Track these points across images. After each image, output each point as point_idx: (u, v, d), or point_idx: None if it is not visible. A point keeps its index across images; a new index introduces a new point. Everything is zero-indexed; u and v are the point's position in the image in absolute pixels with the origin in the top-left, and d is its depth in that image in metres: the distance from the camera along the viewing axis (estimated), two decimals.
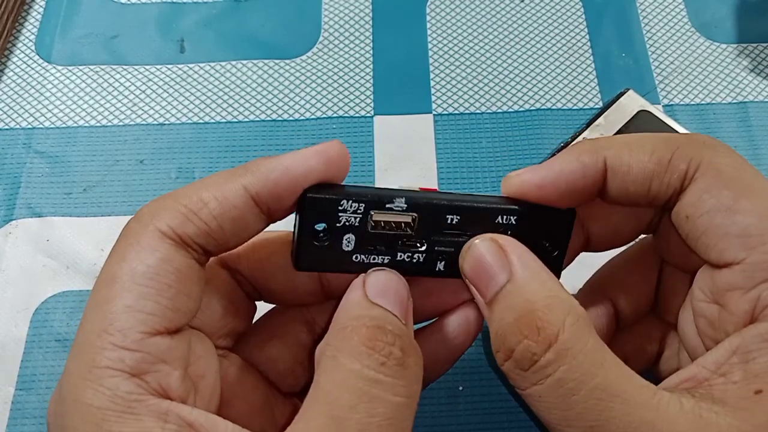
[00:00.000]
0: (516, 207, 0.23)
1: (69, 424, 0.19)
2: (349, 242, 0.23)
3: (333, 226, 0.22)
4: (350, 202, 0.22)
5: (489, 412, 0.31)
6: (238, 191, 0.21)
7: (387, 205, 0.22)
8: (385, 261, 0.23)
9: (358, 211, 0.22)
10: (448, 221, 0.23)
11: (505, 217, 0.23)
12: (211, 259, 0.22)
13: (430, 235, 0.23)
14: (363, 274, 0.23)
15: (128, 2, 0.43)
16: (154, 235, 0.20)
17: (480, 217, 0.23)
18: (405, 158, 0.38)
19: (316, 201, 0.22)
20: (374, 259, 0.23)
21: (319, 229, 0.22)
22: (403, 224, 0.23)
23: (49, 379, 0.32)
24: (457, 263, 0.23)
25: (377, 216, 0.23)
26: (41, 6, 0.43)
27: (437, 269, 0.24)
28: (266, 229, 0.23)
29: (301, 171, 0.21)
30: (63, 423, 0.19)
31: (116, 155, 0.38)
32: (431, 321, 0.26)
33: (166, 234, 0.20)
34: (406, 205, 0.23)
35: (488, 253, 0.22)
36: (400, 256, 0.23)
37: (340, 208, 0.22)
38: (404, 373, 0.20)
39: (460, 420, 0.31)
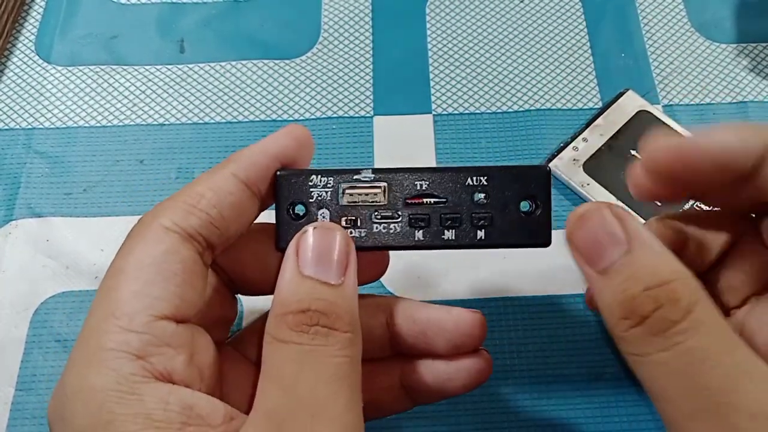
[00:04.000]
0: (486, 167, 0.24)
1: (69, 409, 0.19)
2: (324, 217, 0.24)
3: (307, 203, 0.23)
4: (319, 176, 0.23)
5: (489, 412, 0.31)
6: (229, 178, 0.22)
7: (355, 177, 0.23)
8: (362, 234, 0.24)
9: (328, 185, 0.23)
10: (418, 186, 0.23)
11: (475, 178, 0.24)
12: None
13: (403, 204, 0.23)
14: (297, 236, 0.22)
15: (128, 2, 0.43)
16: (159, 230, 0.21)
17: (449, 179, 0.23)
18: (405, 158, 0.38)
19: (287, 178, 0.23)
20: (351, 233, 0.23)
21: (296, 209, 0.24)
22: (374, 195, 0.23)
23: (49, 379, 0.32)
24: (437, 230, 0.23)
25: (348, 189, 0.23)
26: (41, 6, 0.43)
27: (416, 239, 0.24)
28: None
29: (277, 149, 0.23)
30: (63, 411, 0.19)
31: (116, 155, 0.38)
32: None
33: (171, 228, 0.21)
34: (373, 176, 0.23)
35: (603, 223, 0.21)
36: (377, 228, 0.24)
37: (310, 183, 0.23)
38: (336, 339, 0.21)
39: (460, 420, 0.31)
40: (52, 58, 0.41)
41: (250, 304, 0.33)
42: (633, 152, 0.37)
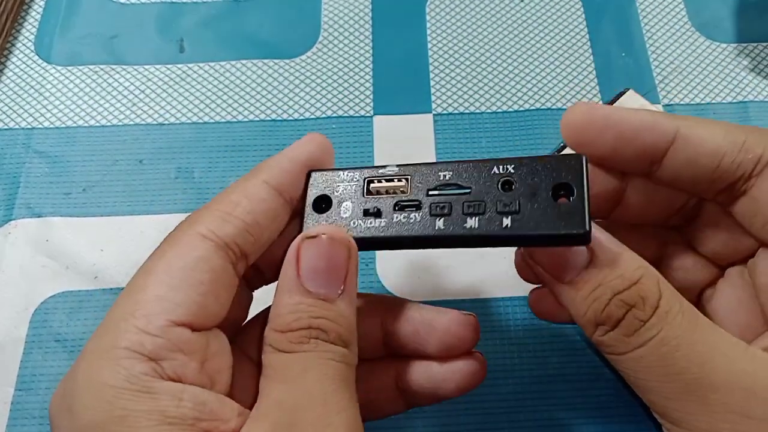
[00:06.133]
0: (514, 158, 0.22)
1: (80, 402, 0.19)
2: (346, 209, 0.24)
3: (332, 196, 0.24)
4: (347, 172, 0.24)
5: (490, 412, 0.31)
6: (261, 186, 0.23)
7: (380, 171, 0.24)
8: (382, 224, 0.23)
9: (354, 179, 0.24)
10: (441, 177, 0.23)
11: (501, 166, 0.22)
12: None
13: (425, 194, 0.23)
14: (297, 240, 0.22)
15: (128, 2, 0.43)
16: (195, 237, 0.21)
17: (473, 168, 0.23)
18: (405, 158, 0.37)
19: (318, 175, 0.24)
20: (371, 223, 0.23)
21: (322, 201, 0.24)
22: (397, 187, 0.23)
23: (49, 379, 0.32)
24: (459, 218, 0.22)
25: (373, 183, 0.24)
26: (40, 6, 0.43)
27: (437, 228, 0.22)
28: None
29: (304, 155, 0.24)
30: (72, 403, 0.20)
31: (115, 155, 0.38)
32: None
33: (206, 236, 0.21)
34: (397, 168, 0.23)
35: None
36: (396, 218, 0.23)
37: (338, 178, 0.24)
38: (335, 350, 0.22)
39: (460, 420, 0.31)
40: (51, 58, 0.41)
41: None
42: None
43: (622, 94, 0.39)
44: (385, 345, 0.26)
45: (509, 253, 0.23)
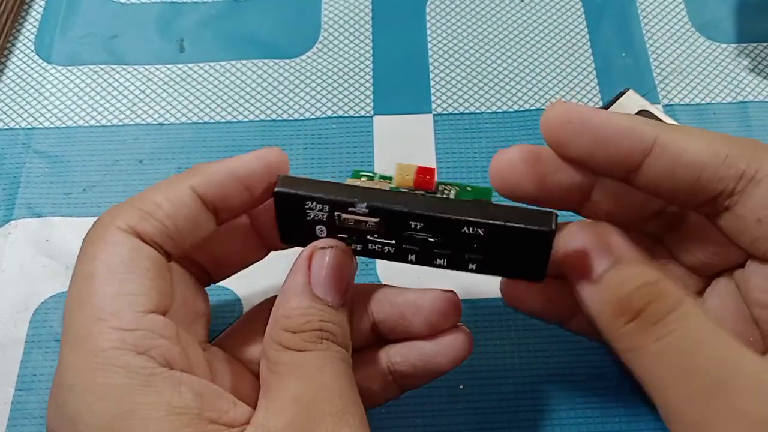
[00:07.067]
0: (483, 221, 0.22)
1: (83, 407, 0.19)
2: (321, 231, 0.24)
3: (304, 219, 0.23)
4: (314, 202, 0.23)
5: (490, 412, 0.31)
6: (187, 191, 0.22)
7: (349, 209, 0.23)
8: (358, 248, 0.24)
9: (324, 210, 0.23)
10: (412, 227, 0.23)
11: (471, 228, 0.22)
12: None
13: (396, 233, 0.23)
14: (308, 249, 0.23)
15: (128, 2, 0.43)
16: (117, 233, 0.21)
17: (444, 226, 0.23)
18: (405, 158, 0.38)
19: (284, 196, 0.23)
20: (347, 243, 0.24)
21: (295, 219, 0.24)
22: (367, 223, 0.23)
23: (49, 379, 0.32)
24: (429, 253, 0.23)
25: (344, 215, 0.23)
26: (41, 6, 0.43)
27: (409, 260, 0.24)
28: None
29: (243, 173, 0.23)
30: (73, 411, 0.19)
31: (116, 155, 0.38)
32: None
33: (127, 231, 0.21)
34: (367, 210, 0.23)
35: (588, 242, 0.22)
36: (371, 246, 0.24)
37: (306, 206, 0.23)
38: (341, 349, 0.23)
39: (460, 420, 0.31)
40: (51, 58, 0.41)
41: (247, 302, 0.33)
42: None
43: (622, 94, 0.39)
44: (374, 332, 0.27)
45: None
